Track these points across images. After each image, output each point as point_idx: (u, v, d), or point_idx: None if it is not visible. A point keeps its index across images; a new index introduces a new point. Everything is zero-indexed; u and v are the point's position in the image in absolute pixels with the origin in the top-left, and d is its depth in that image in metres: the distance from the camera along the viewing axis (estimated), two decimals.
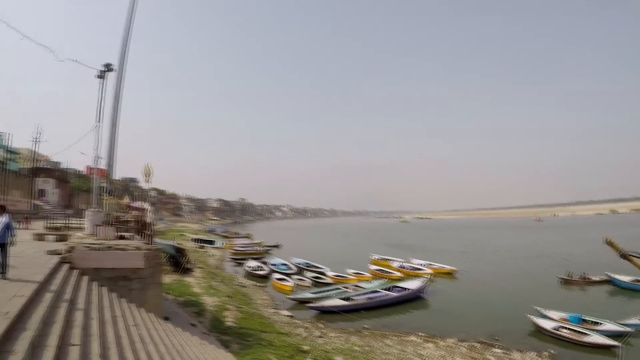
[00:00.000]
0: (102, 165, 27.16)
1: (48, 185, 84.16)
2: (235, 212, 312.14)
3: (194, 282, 32.92)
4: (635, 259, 27.92)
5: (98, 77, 27.10)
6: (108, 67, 27.05)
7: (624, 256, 28.54)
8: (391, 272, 46.36)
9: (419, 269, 48.46)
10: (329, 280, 41.71)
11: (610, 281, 39.00)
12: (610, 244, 29.07)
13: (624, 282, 37.59)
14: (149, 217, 24.04)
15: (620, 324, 25.49)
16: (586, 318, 26.44)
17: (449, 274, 47.25)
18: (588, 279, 39.82)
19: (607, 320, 25.88)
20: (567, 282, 39.75)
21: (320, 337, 23.71)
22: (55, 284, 12.09)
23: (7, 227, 11.83)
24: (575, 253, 64.12)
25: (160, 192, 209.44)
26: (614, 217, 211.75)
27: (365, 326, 27.02)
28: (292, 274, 45.67)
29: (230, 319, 23.19)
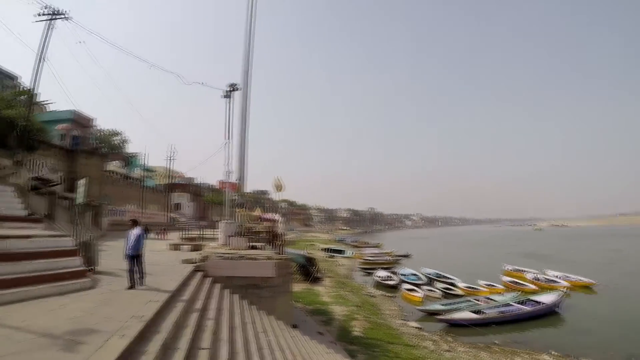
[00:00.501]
0: (234, 179, 28.36)
1: (183, 199, 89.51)
2: (365, 221, 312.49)
3: (323, 291, 33.41)
4: None
5: (224, 97, 28.51)
6: (233, 87, 28.43)
7: None
8: (524, 284, 44.32)
9: (555, 282, 45.85)
10: (459, 292, 40.64)
11: None
12: None
13: None
14: (280, 228, 24.70)
15: None
16: None
17: (587, 288, 44.31)
18: None
19: None
20: None
21: (448, 351, 23.19)
22: (188, 291, 12.78)
23: (139, 239, 12.38)
24: None
25: (291, 204, 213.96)
26: None
27: (495, 341, 26.04)
28: (422, 284, 44.91)
29: (357, 328, 23.29)
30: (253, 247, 22.03)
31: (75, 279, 11.38)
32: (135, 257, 12.08)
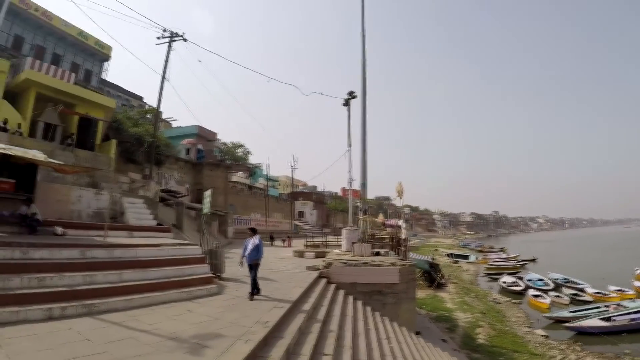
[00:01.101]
0: (356, 186, 28.55)
1: (306, 207, 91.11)
2: (489, 225, 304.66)
3: (447, 297, 32.86)
4: None
5: (344, 105, 28.80)
6: (351, 95, 28.65)
7: None
8: None
9: None
10: (588, 298, 38.60)
11: None
12: None
13: None
14: (403, 234, 24.54)
15: None
16: None
17: None
18: None
19: None
20: None
21: None
22: (312, 297, 12.94)
23: (258, 248, 12.24)
24: None
25: (414, 209, 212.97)
26: None
27: (626, 351, 24.40)
28: (549, 290, 43.14)
29: (482, 336, 22.72)
30: (377, 254, 22.05)
31: (201, 285, 11.90)
32: (254, 266, 12.08)
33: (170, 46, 33.42)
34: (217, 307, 10.15)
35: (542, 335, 26.71)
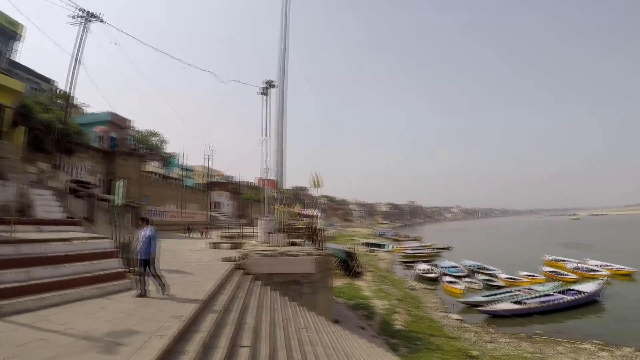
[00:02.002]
0: (272, 176, 28.41)
1: (222, 197, 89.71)
2: (405, 215, 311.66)
3: (364, 285, 33.34)
4: None
5: (262, 94, 28.54)
6: (270, 84, 28.40)
7: None
8: (565, 274, 43.76)
9: (595, 271, 45.15)
10: (500, 283, 40.33)
11: None
12: None
13: None
14: (319, 223, 24.68)
15: None
16: None
17: (628, 276, 43.62)
18: None
19: None
20: None
21: (490, 342, 22.99)
22: (228, 289, 12.83)
23: (150, 242, 10.78)
24: None
25: (330, 199, 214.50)
26: None
27: (537, 332, 25.70)
28: (463, 276, 44.68)
29: (399, 322, 23.21)
30: (293, 244, 22.14)
31: (114, 281, 11.47)
32: (146, 262, 10.69)
33: (85, 27, 32.02)
34: (131, 303, 9.84)
35: (457, 319, 27.63)
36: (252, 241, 25.02)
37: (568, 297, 31.57)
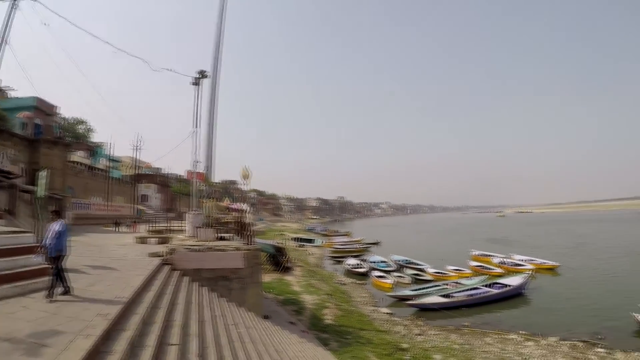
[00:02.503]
0: (201, 169, 27.89)
1: (150, 190, 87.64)
2: (334, 210, 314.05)
3: (294, 280, 33.34)
4: None
5: (193, 84, 27.89)
6: (202, 74, 27.76)
7: None
8: (491, 269, 45.31)
9: (520, 265, 46.92)
10: (428, 277, 41.21)
11: None
12: None
13: None
14: (248, 218, 24.45)
15: None
16: None
17: (551, 270, 45.55)
18: None
19: None
20: None
21: (419, 334, 23.47)
22: (156, 285, 12.53)
23: (60, 236, 9.98)
24: None
25: (260, 193, 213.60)
26: None
27: (465, 324, 26.46)
28: (392, 271, 45.34)
29: (329, 316, 23.32)
30: (221, 238, 21.81)
31: (37, 278, 10.90)
32: (56, 259, 9.79)
33: (14, 3, 30.35)
34: (55, 302, 9.41)
35: (387, 313, 28.07)
36: (180, 236, 24.50)
37: (494, 291, 32.63)
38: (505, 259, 49.91)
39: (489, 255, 53.95)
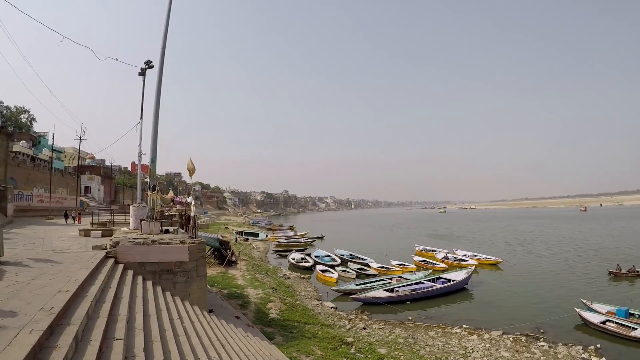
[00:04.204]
0: (146, 161, 27.45)
1: (93, 182, 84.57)
2: (279, 204, 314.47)
3: (239, 274, 33.21)
4: None
5: (140, 75, 27.40)
6: (148, 65, 27.25)
7: None
8: (435, 264, 46.34)
9: (463, 260, 48.23)
10: (373, 272, 41.75)
11: None
12: None
13: None
14: (193, 211, 24.21)
15: None
16: (634, 312, 25.93)
17: (494, 265, 46.97)
18: (637, 272, 38.87)
19: None
20: (615, 274, 39.18)
21: (364, 328, 23.76)
22: (99, 279, 12.28)
23: None
24: (623, 245, 63.14)
25: (205, 186, 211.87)
26: None
27: (409, 318, 26.99)
28: (336, 265, 45.77)
29: (274, 310, 23.35)
30: (166, 231, 21.52)
31: None
32: None
33: None
34: None
35: (331, 307, 28.34)
36: (123, 228, 24.06)
37: (438, 285, 33.32)
38: (448, 254, 51.29)
39: (433, 251, 55.35)
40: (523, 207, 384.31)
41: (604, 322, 24.89)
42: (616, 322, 24.71)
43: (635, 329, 23.55)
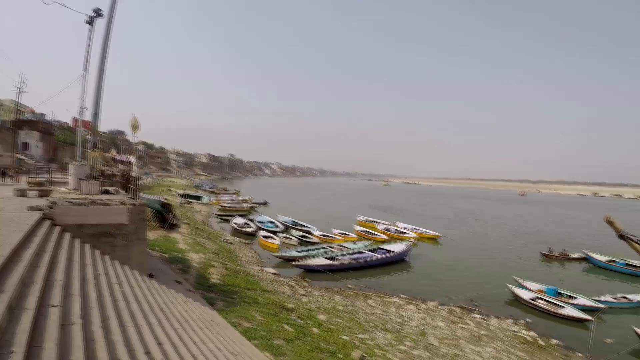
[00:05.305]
0: (88, 116, 26.46)
1: (31, 138, 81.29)
2: (224, 167, 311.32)
3: (180, 238, 32.78)
4: (632, 242, 28.00)
5: (87, 23, 26.11)
6: (97, 13, 25.94)
7: (622, 237, 28.55)
8: (376, 234, 47.26)
9: (404, 233, 49.34)
10: (315, 240, 42.10)
11: (587, 259, 41.10)
12: (609, 222, 29.10)
13: (600, 261, 39.56)
14: (134, 171, 23.61)
15: (594, 300, 26.91)
16: (562, 291, 27.97)
17: (433, 239, 48.36)
18: (567, 255, 41.92)
19: (582, 295, 27.31)
20: (547, 256, 41.71)
21: (304, 295, 23.94)
22: (35, 242, 11.81)
23: None
24: (558, 230, 66.09)
25: (149, 146, 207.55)
26: (595, 200, 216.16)
27: (349, 286, 27.44)
28: (279, 232, 45.96)
29: (215, 276, 23.19)
30: (106, 192, 20.99)
31: None
32: None
33: None
34: None
35: (273, 273, 28.41)
36: (62, 188, 23.28)
37: (378, 256, 33.91)
38: (389, 226, 52.36)
39: (374, 222, 56.21)
40: (465, 186, 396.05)
41: (534, 299, 26.67)
42: (545, 300, 26.53)
43: (563, 307, 25.35)
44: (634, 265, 36.60)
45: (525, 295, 27.29)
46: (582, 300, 26.67)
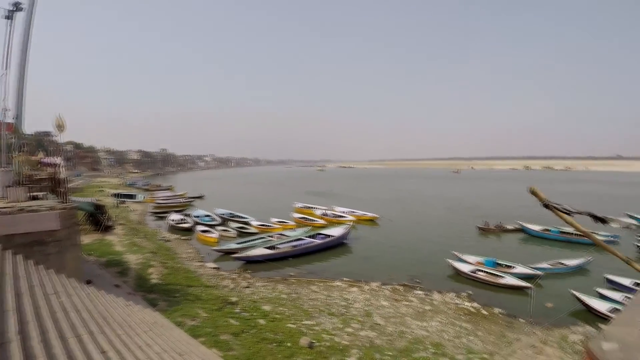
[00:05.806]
0: (10, 118, 25.46)
1: None
2: (157, 163, 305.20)
3: (116, 240, 32.08)
4: (557, 210, 29.21)
5: (5, 18, 24.94)
6: (17, 7, 24.83)
7: (547, 206, 29.67)
8: (314, 220, 47.63)
9: (342, 217, 49.94)
10: (253, 230, 42.04)
11: (522, 230, 42.95)
12: (534, 193, 30.13)
13: (535, 230, 41.49)
14: (62, 173, 22.89)
15: (532, 267, 28.40)
16: (500, 262, 29.25)
17: (371, 221, 49.11)
18: (503, 227, 43.90)
19: (519, 264, 28.67)
20: (484, 230, 43.46)
21: (247, 287, 23.89)
22: None
23: None
24: (493, 205, 68.47)
25: (78, 146, 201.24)
26: (527, 173, 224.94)
27: (291, 274, 27.56)
28: (216, 225, 45.62)
29: (155, 276, 22.88)
30: (34, 198, 20.29)
31: None
32: None
33: None
34: None
35: (214, 268, 28.25)
36: None
37: (317, 241, 34.18)
38: (327, 211, 52.81)
39: (312, 208, 56.52)
40: (400, 167, 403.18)
41: (474, 272, 27.64)
42: (485, 271, 27.58)
43: (503, 277, 26.52)
44: (567, 232, 38.26)
45: (465, 268, 28.12)
46: (520, 269, 27.82)
